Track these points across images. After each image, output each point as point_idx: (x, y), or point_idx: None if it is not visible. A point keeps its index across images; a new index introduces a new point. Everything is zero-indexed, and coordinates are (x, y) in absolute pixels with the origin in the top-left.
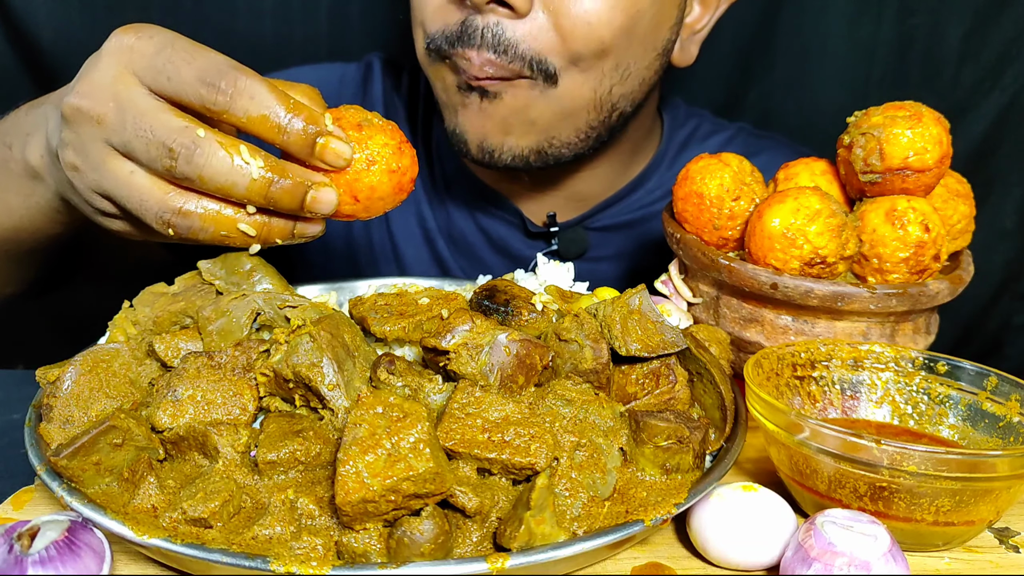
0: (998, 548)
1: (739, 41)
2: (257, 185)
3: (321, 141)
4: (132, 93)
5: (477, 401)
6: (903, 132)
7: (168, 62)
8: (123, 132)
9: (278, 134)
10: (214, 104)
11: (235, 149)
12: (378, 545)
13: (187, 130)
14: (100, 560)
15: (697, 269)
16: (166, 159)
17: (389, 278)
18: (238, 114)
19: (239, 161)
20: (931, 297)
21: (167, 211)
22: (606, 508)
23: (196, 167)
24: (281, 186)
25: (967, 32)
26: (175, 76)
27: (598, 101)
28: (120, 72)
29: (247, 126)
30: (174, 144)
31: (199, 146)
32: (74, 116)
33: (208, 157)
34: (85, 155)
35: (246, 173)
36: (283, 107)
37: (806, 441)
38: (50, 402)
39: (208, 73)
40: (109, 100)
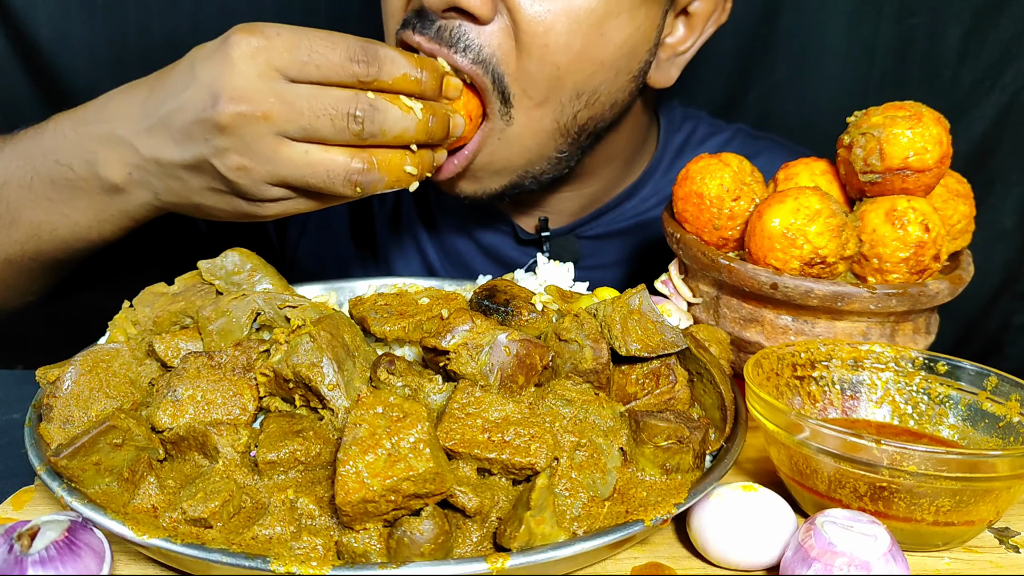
0: (998, 548)
1: (739, 41)
2: (421, 124)
3: (444, 80)
4: (286, 86)
5: (477, 401)
6: (903, 132)
7: (312, 52)
8: (300, 118)
9: (417, 85)
10: (367, 75)
11: (398, 101)
12: (378, 545)
13: (359, 97)
14: (100, 560)
15: (697, 269)
16: (354, 125)
17: (389, 278)
18: (386, 79)
19: (407, 106)
20: (931, 297)
21: (354, 172)
22: (606, 508)
23: (379, 124)
24: (435, 121)
25: (967, 32)
26: (323, 63)
27: (563, 129)
28: (265, 70)
29: (393, 86)
30: (355, 110)
31: (376, 107)
32: (236, 121)
33: (386, 112)
34: (254, 152)
35: (412, 117)
36: (414, 65)
37: (806, 441)
38: (50, 402)
39: (354, 52)
40: (269, 96)
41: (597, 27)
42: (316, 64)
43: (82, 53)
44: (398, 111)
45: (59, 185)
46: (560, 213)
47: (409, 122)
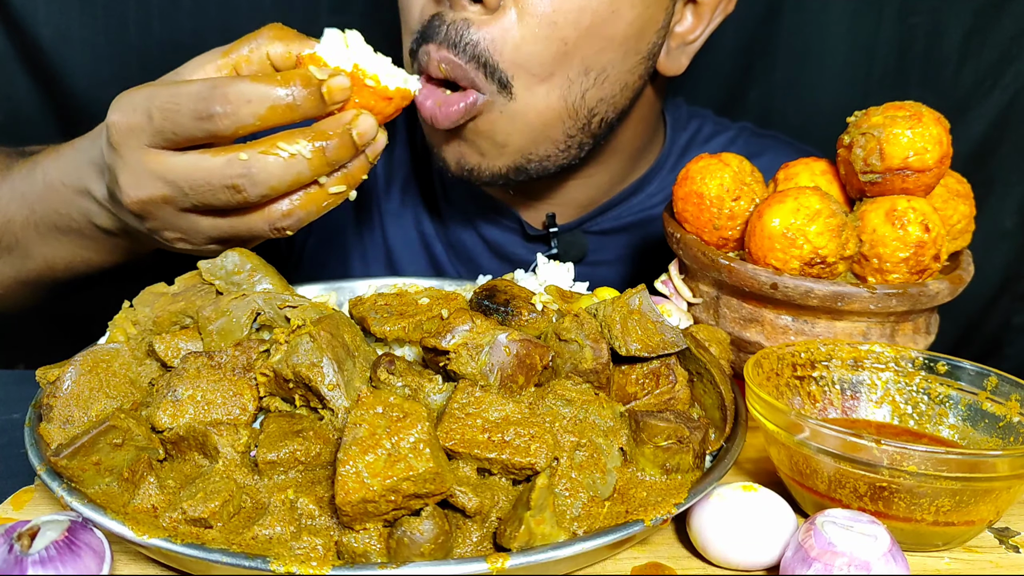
0: (998, 548)
1: (739, 41)
2: (316, 161)
3: (324, 90)
4: (166, 163)
5: (477, 401)
6: (903, 132)
7: (163, 121)
8: (187, 199)
9: (292, 112)
10: (223, 129)
11: (276, 147)
12: (378, 545)
13: (231, 162)
14: (100, 560)
15: (697, 269)
16: (236, 196)
17: (389, 278)
18: (249, 121)
19: (287, 153)
20: (931, 297)
21: (274, 222)
22: (606, 508)
23: (262, 185)
24: (332, 146)
25: (967, 32)
26: (177, 129)
27: (571, 109)
28: (140, 153)
29: (263, 125)
30: (232, 180)
31: (251, 167)
32: (144, 210)
33: (265, 170)
34: (179, 229)
35: (300, 159)
36: (278, 87)
37: (806, 441)
38: (50, 402)
39: (198, 108)
40: (156, 181)
41: (610, 5)
42: (173, 132)
43: (83, 52)
44: (278, 164)
45: (65, 230)
46: (567, 207)
47: (298, 167)
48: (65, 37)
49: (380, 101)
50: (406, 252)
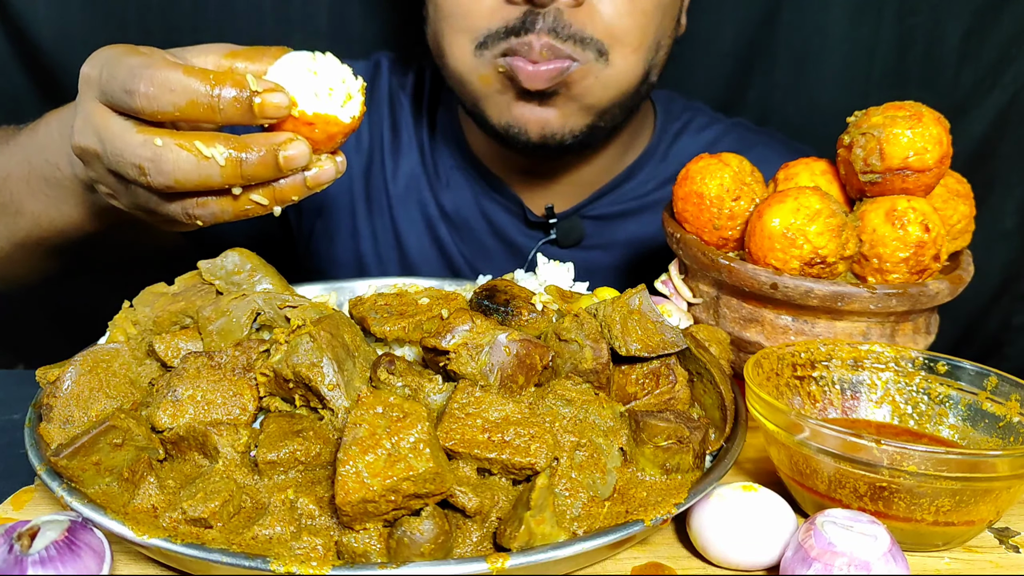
0: (998, 548)
1: (739, 41)
2: (228, 170)
3: (257, 101)
4: (105, 121)
5: (477, 401)
6: (903, 132)
7: (105, 82)
8: (108, 161)
9: (213, 112)
10: (141, 109)
11: (192, 145)
12: (378, 545)
13: (146, 143)
14: (100, 560)
15: (697, 269)
16: (140, 175)
17: (389, 278)
18: (168, 109)
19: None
20: (931, 297)
21: (188, 207)
22: (606, 508)
23: (166, 174)
24: (251, 160)
25: (967, 32)
26: (111, 95)
27: (643, 76)
28: (92, 104)
29: (182, 117)
30: (140, 160)
31: (161, 155)
32: (82, 155)
33: (174, 162)
34: (109, 185)
35: (213, 163)
36: (204, 84)
37: (806, 441)
38: (50, 402)
39: (125, 81)
40: (93, 134)
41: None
42: (109, 95)
43: (82, 52)
44: (189, 160)
45: (51, 183)
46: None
47: (208, 170)
48: (65, 37)
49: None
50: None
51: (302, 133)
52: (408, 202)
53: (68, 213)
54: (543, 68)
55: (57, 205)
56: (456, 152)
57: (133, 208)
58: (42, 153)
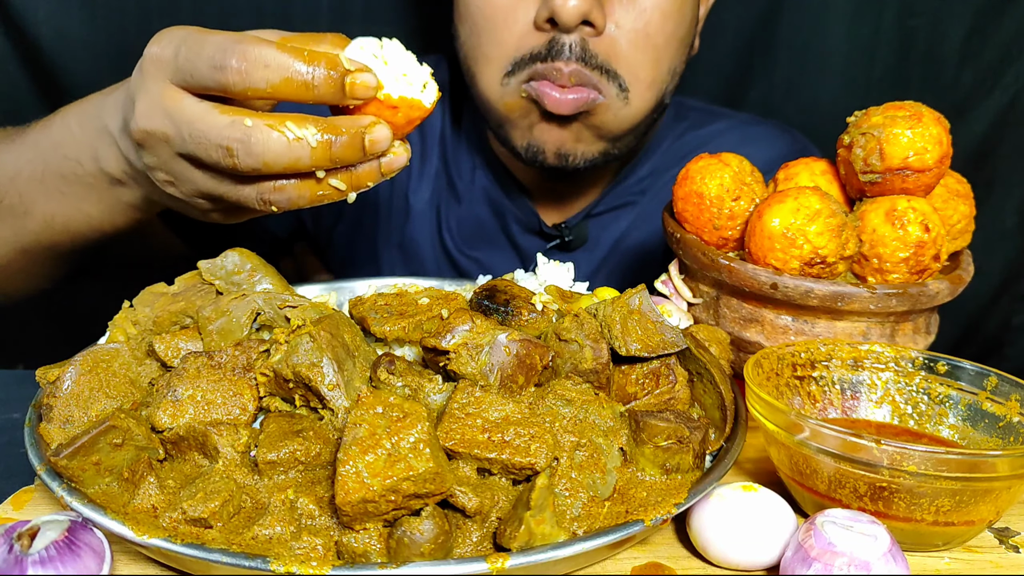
0: (998, 548)
1: (739, 40)
2: (319, 152)
3: (348, 80)
4: (178, 103)
5: (477, 401)
6: (903, 132)
7: (185, 60)
8: (184, 144)
9: (307, 90)
10: (232, 84)
11: (284, 126)
12: (378, 545)
13: (235, 124)
14: (100, 560)
15: (697, 269)
16: (227, 157)
17: (389, 278)
18: (260, 85)
19: (293, 136)
20: (931, 297)
21: (264, 192)
22: (606, 508)
23: (256, 156)
24: (340, 143)
25: (967, 32)
26: (194, 71)
27: (656, 104)
28: (161, 86)
29: (273, 94)
30: (227, 142)
31: (251, 135)
32: (145, 140)
33: (264, 143)
34: (172, 172)
35: (304, 144)
36: (302, 63)
37: (806, 441)
38: (50, 402)
39: (216, 56)
40: (164, 117)
41: (680, 10)
42: (190, 73)
43: (82, 52)
44: (280, 141)
45: (70, 179)
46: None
47: (299, 151)
48: (65, 37)
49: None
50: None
51: (384, 117)
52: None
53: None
54: (570, 96)
55: (75, 203)
56: (477, 153)
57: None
58: (59, 149)
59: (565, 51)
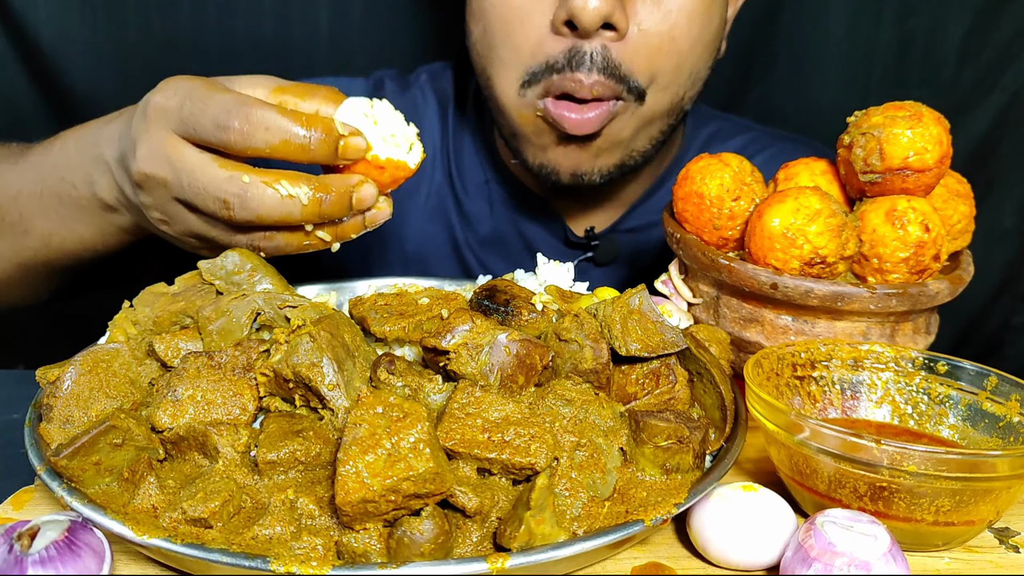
0: (998, 548)
1: (739, 41)
2: (309, 208)
3: (341, 144)
4: (180, 153)
5: (477, 401)
6: (903, 132)
7: (189, 114)
8: (183, 191)
9: (304, 152)
10: (233, 143)
11: (279, 184)
12: (378, 545)
13: (232, 179)
14: (100, 560)
15: (697, 269)
16: (223, 210)
17: (389, 278)
18: (259, 146)
19: (286, 193)
20: (931, 297)
21: (256, 240)
22: (606, 508)
23: (251, 210)
24: (329, 200)
25: (967, 32)
26: (197, 126)
27: (672, 109)
28: (164, 135)
29: (272, 154)
30: (225, 195)
31: (248, 191)
32: (144, 182)
33: (260, 199)
34: (167, 212)
35: (296, 202)
36: (300, 127)
37: (806, 441)
38: (50, 402)
39: (219, 116)
40: (164, 164)
41: (707, 12)
42: (193, 128)
43: (83, 53)
44: (273, 197)
45: (65, 201)
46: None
47: (291, 207)
48: (65, 37)
49: (373, 170)
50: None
51: (371, 175)
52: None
53: (80, 232)
54: (590, 115)
55: (69, 224)
56: (488, 165)
57: (184, 235)
58: (56, 171)
59: (586, 61)
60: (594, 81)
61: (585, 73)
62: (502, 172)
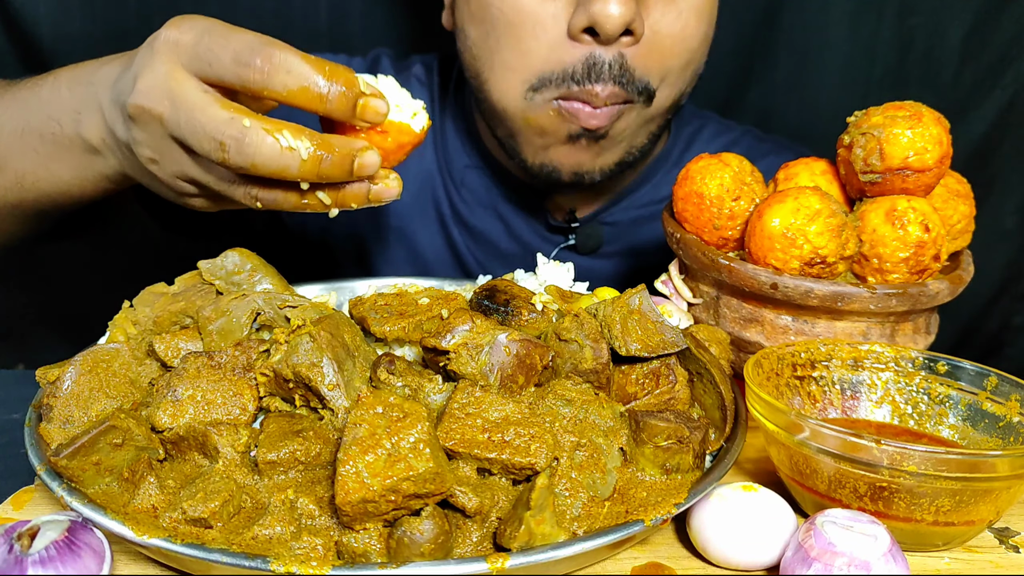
0: (998, 548)
1: (739, 41)
2: (308, 164)
3: (361, 102)
4: (184, 88)
5: (477, 401)
6: (903, 132)
7: (207, 49)
8: (179, 128)
9: (320, 103)
10: (252, 82)
11: (281, 134)
12: (378, 545)
13: (233, 121)
14: (100, 560)
15: (697, 269)
16: (218, 151)
17: (389, 278)
18: (277, 88)
19: (286, 144)
20: (931, 297)
21: (251, 190)
22: (606, 508)
23: (247, 156)
24: (330, 160)
25: (967, 32)
26: (214, 61)
27: (674, 104)
28: (171, 68)
29: (288, 99)
30: (223, 136)
31: (246, 135)
32: (139, 115)
33: (257, 145)
34: (159, 150)
35: (295, 155)
36: (321, 75)
37: (806, 441)
38: (50, 402)
39: (242, 52)
40: (165, 98)
41: (712, 7)
42: (209, 62)
43: (83, 53)
44: (273, 146)
45: (47, 139)
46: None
47: (288, 160)
48: (65, 37)
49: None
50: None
51: (374, 141)
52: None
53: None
54: (603, 110)
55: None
56: (472, 151)
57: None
58: (44, 108)
59: (604, 73)
60: (609, 93)
61: (601, 85)
62: (485, 157)
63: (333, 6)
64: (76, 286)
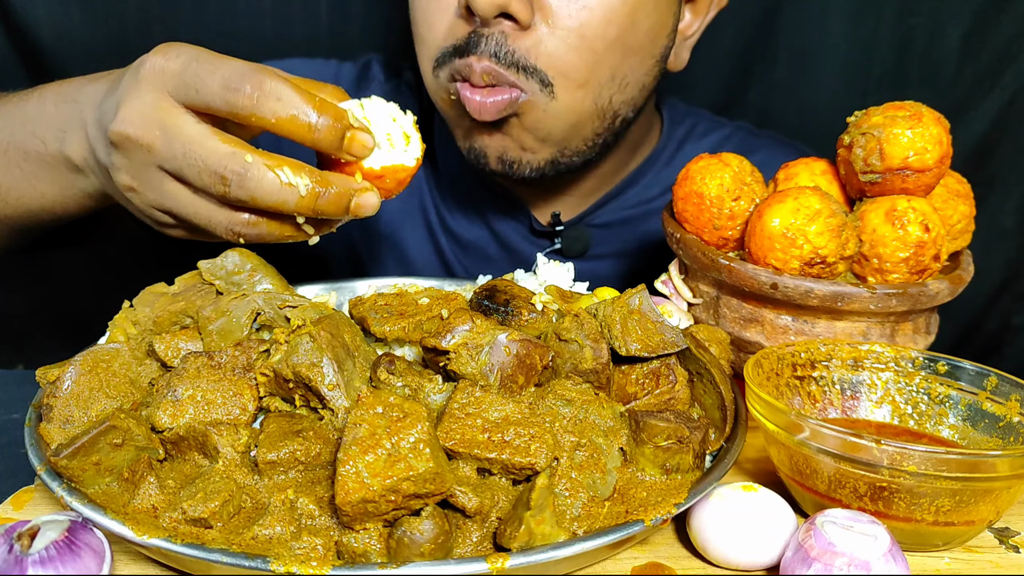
0: (998, 548)
1: (739, 41)
2: (306, 200)
3: (348, 135)
4: (176, 119)
5: (477, 401)
6: (903, 132)
7: (195, 76)
8: (174, 160)
9: (308, 133)
10: (241, 108)
11: (281, 169)
12: (378, 545)
13: (235, 156)
14: (100, 560)
15: (697, 269)
16: (219, 185)
17: (389, 278)
18: (266, 116)
19: (286, 180)
20: (931, 297)
21: (236, 224)
22: (606, 508)
23: (248, 191)
24: (327, 197)
25: (967, 32)
26: (202, 87)
27: (600, 111)
28: (158, 96)
29: (276, 127)
30: (225, 171)
31: (248, 170)
32: (123, 143)
33: (259, 180)
34: (141, 179)
35: (295, 191)
36: (311, 106)
37: (806, 441)
38: (50, 402)
39: (231, 79)
40: (155, 128)
41: (630, 16)
42: (196, 89)
43: (83, 53)
44: (273, 182)
45: (31, 156)
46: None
47: (287, 196)
48: (65, 37)
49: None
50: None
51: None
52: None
53: (41, 191)
54: (489, 101)
55: (30, 181)
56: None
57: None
58: (28, 125)
59: (481, 46)
60: (485, 67)
61: (476, 57)
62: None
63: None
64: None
